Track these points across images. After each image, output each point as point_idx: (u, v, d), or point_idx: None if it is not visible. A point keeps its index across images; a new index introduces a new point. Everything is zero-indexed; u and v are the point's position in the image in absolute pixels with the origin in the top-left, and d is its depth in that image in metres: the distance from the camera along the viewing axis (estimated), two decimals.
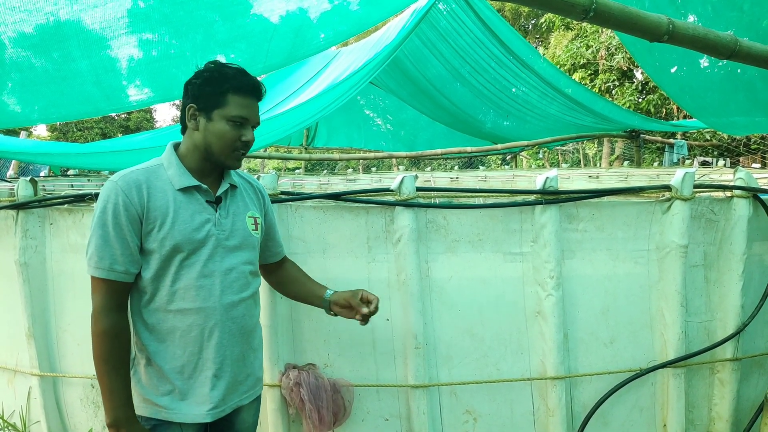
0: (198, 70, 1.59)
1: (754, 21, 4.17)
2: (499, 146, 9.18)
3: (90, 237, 1.50)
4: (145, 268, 1.54)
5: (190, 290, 1.54)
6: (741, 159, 12.30)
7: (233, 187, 1.69)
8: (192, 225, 1.54)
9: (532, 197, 2.35)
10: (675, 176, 2.37)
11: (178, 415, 1.56)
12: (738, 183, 2.45)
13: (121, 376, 1.51)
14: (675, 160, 9.42)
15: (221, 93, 1.54)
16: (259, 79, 1.61)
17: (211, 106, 1.55)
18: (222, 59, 1.62)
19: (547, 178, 2.33)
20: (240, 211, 1.67)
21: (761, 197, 2.46)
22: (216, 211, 1.60)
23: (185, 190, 1.57)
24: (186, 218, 1.54)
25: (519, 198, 2.40)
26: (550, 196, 2.32)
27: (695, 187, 2.38)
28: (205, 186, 1.60)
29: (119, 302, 1.54)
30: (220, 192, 1.63)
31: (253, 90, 1.58)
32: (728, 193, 2.47)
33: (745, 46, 1.81)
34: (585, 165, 16.12)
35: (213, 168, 1.64)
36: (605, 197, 2.39)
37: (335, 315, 1.89)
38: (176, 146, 1.66)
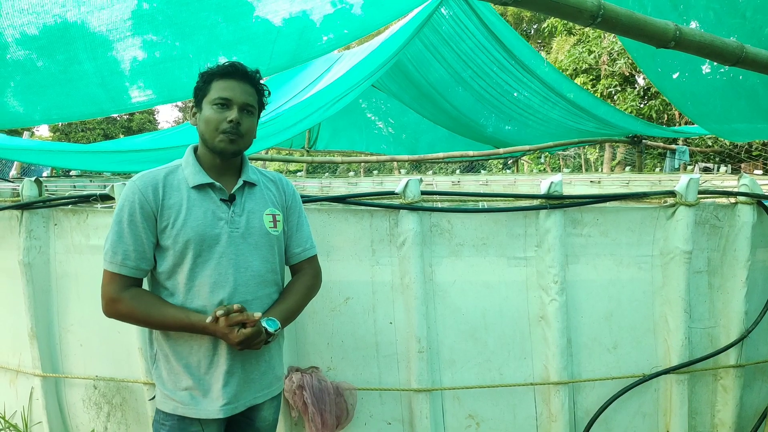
0: None
1: (757, 28, 4.17)
2: (501, 150, 9.18)
3: (108, 233, 1.57)
4: (162, 264, 1.59)
5: (204, 287, 1.57)
6: (743, 165, 12.32)
7: (251, 184, 1.70)
8: (204, 221, 1.57)
9: (536, 202, 2.35)
10: (680, 182, 2.37)
11: (196, 410, 1.59)
12: (742, 189, 2.45)
13: (165, 307, 1.55)
14: (676, 166, 9.42)
15: (206, 83, 1.61)
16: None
17: (201, 98, 1.62)
18: (224, 61, 1.65)
19: (552, 182, 2.33)
20: (257, 208, 1.67)
21: (765, 204, 2.46)
22: (230, 208, 1.62)
23: (199, 188, 1.60)
24: (198, 215, 1.57)
25: (523, 203, 2.40)
26: (555, 201, 2.32)
27: (699, 193, 2.38)
28: (218, 184, 1.62)
29: (128, 288, 1.59)
30: (234, 190, 1.64)
31: (232, 71, 1.60)
32: (732, 200, 2.47)
33: (751, 52, 1.81)
34: (586, 170, 16.12)
35: (227, 165, 1.66)
36: (609, 202, 2.39)
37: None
38: (196, 148, 1.70)
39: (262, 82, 1.67)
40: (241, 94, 1.60)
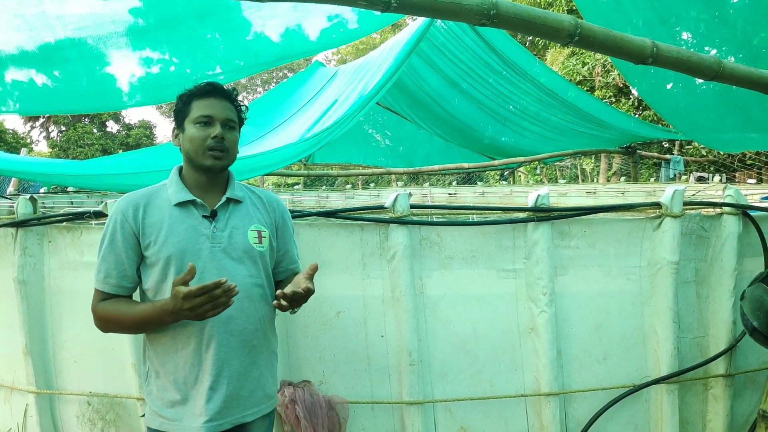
0: None
1: (746, 39, 4.24)
2: (496, 162, 9.23)
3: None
4: (147, 281, 1.63)
5: None
6: (737, 174, 12.37)
7: (236, 201, 1.72)
8: (186, 237, 1.60)
9: (524, 215, 2.38)
10: (665, 193, 2.41)
11: (180, 426, 1.59)
12: (727, 200, 2.48)
13: (135, 304, 1.62)
14: (671, 176, 9.47)
15: (186, 104, 1.67)
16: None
17: (182, 118, 1.68)
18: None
19: (539, 195, 2.36)
20: (242, 224, 1.70)
21: (750, 214, 2.50)
22: (211, 224, 1.64)
23: (181, 206, 1.64)
24: (180, 231, 1.60)
25: (511, 215, 2.43)
26: (542, 214, 2.35)
27: (685, 204, 2.42)
28: (200, 201, 1.66)
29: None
30: (217, 206, 1.67)
31: (211, 90, 1.67)
32: (718, 210, 2.51)
33: (728, 67, 1.86)
34: (583, 180, 16.18)
35: (213, 183, 1.70)
36: (597, 214, 2.43)
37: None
38: (181, 169, 1.75)
39: (239, 98, 1.74)
40: (222, 111, 1.65)
